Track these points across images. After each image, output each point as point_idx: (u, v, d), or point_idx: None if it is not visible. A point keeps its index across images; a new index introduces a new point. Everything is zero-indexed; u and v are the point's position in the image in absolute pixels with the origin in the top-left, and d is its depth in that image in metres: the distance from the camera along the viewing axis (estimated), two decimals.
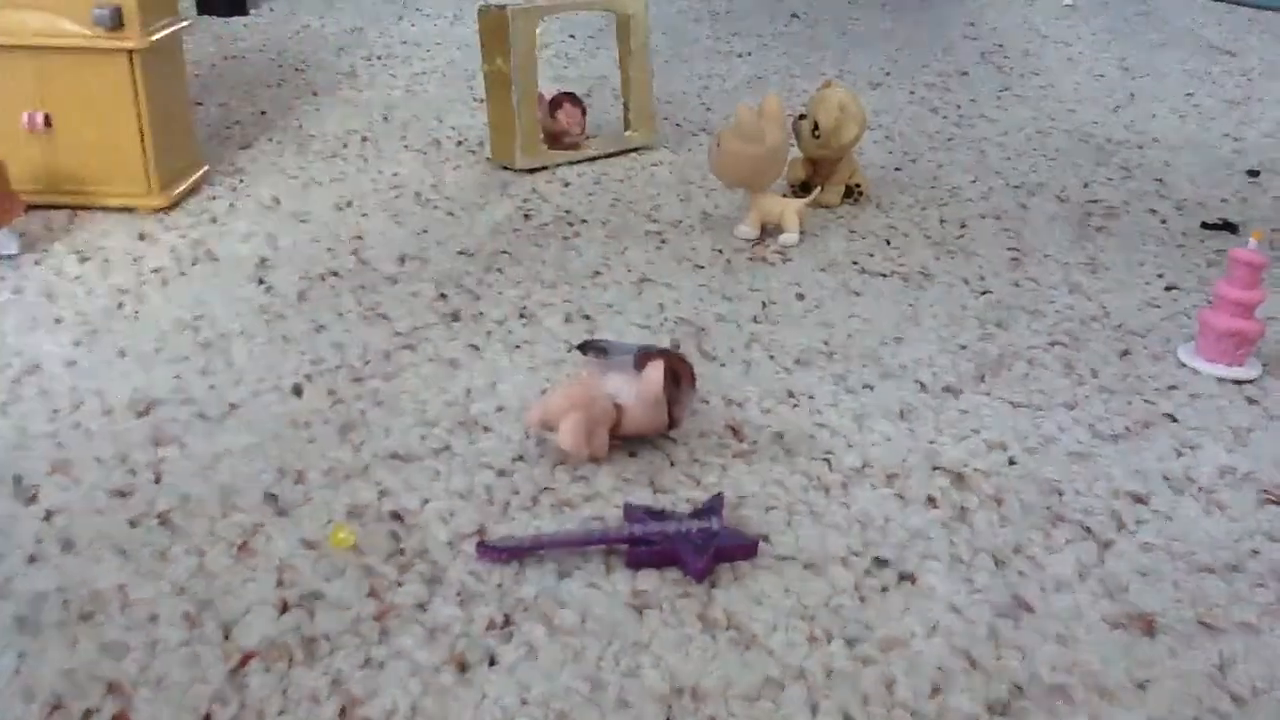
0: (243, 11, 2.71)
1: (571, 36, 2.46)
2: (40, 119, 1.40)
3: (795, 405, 1.03)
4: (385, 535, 0.83)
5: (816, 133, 1.49)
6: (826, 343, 1.15)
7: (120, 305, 1.19)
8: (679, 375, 0.95)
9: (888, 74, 2.30)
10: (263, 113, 1.90)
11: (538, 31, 1.60)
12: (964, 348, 1.15)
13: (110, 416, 0.98)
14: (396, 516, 0.86)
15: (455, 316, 1.18)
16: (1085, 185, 1.66)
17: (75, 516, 0.85)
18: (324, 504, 0.87)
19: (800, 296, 1.26)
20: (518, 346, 1.12)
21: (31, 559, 0.80)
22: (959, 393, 1.07)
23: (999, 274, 1.34)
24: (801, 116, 1.52)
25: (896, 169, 1.72)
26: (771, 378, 1.08)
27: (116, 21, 1.34)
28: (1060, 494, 0.91)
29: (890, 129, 1.92)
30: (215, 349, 1.11)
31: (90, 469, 0.91)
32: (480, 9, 1.62)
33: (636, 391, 0.93)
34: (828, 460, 0.95)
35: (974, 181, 1.66)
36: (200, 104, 1.95)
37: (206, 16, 2.67)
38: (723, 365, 1.10)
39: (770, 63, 2.37)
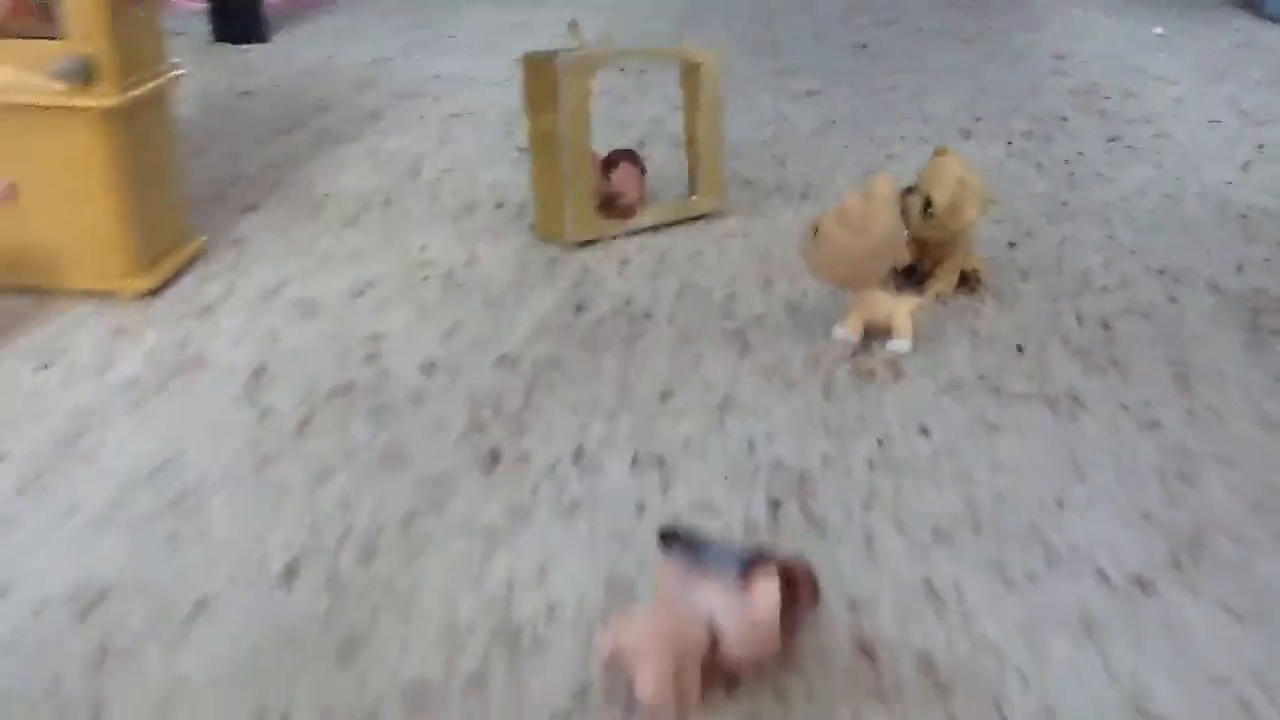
0: (261, 39, 2.48)
1: (620, 70, 2.22)
2: (3, 187, 1.17)
3: (941, 610, 0.78)
4: None
5: (929, 211, 1.23)
6: (969, 506, 0.90)
7: (77, 437, 0.95)
8: (796, 592, 0.70)
9: (977, 119, 2.04)
10: (274, 166, 1.66)
11: (591, 85, 1.35)
12: (1146, 517, 0.89)
13: (43, 615, 0.75)
14: None
15: (494, 458, 0.93)
16: (1239, 269, 1.39)
17: None
18: None
19: (924, 431, 1.00)
20: (575, 507, 0.87)
21: None
22: (1152, 588, 0.81)
23: (1166, 400, 1.08)
24: (909, 190, 1.26)
25: (1011, 244, 1.46)
26: (904, 561, 0.83)
27: (86, 76, 1.11)
28: None
29: (992, 190, 1.65)
30: (187, 508, 0.86)
31: (10, 703, 0.67)
32: (525, 57, 1.38)
33: (740, 615, 0.68)
34: (999, 708, 0.70)
35: (1106, 264, 1.40)
36: (203, 152, 1.72)
37: (221, 45, 2.44)
38: (839, 541, 0.85)
39: (842, 103, 2.12)
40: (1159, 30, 2.93)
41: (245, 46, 2.44)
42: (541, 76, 1.36)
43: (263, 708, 0.69)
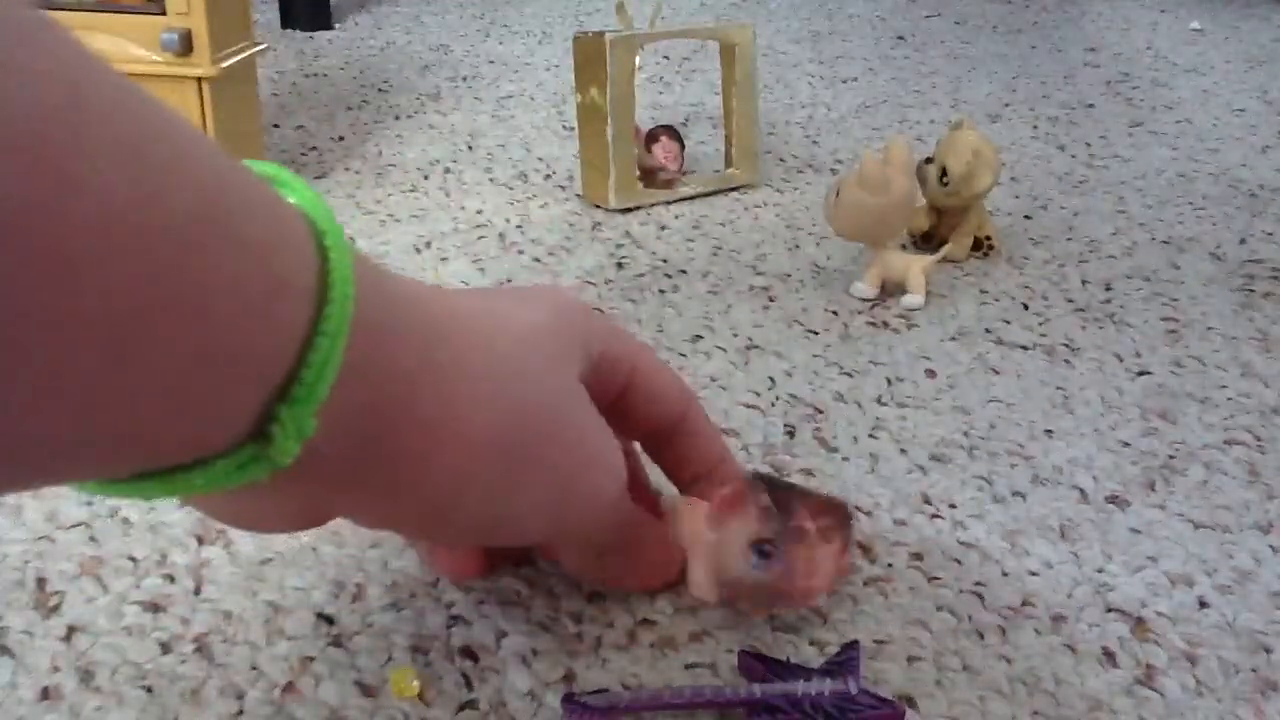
0: (327, 26, 2.62)
1: (666, 58, 2.33)
2: None
3: (934, 516, 0.88)
4: (455, 680, 0.70)
5: (945, 179, 1.33)
6: (965, 434, 1.00)
7: None
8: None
9: (1006, 105, 2.13)
10: (341, 138, 1.80)
11: (635, 61, 1.47)
12: (1126, 445, 0.99)
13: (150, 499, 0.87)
14: (469, 654, 0.73)
15: None
16: (1242, 241, 1.48)
17: (100, 636, 0.73)
18: (384, 634, 0.74)
19: (930, 373, 1.11)
20: None
21: (44, 694, 0.68)
22: (1126, 505, 0.91)
23: (1155, 350, 1.17)
24: (928, 160, 1.36)
25: (1026, 216, 1.55)
26: (903, 478, 0.93)
27: (185, 47, 1.24)
28: (1268, 651, 0.75)
29: (1014, 168, 1.75)
30: None
31: (123, 572, 0.79)
32: (576, 36, 1.49)
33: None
34: (979, 594, 0.80)
35: (1115, 234, 1.49)
36: (277, 126, 1.86)
37: (290, 31, 2.59)
38: (845, 459, 0.96)
39: (878, 89, 2.21)
40: (1195, 25, 2.99)
41: (312, 33, 2.58)
42: (590, 54, 1.47)
43: (340, 579, 0.80)
